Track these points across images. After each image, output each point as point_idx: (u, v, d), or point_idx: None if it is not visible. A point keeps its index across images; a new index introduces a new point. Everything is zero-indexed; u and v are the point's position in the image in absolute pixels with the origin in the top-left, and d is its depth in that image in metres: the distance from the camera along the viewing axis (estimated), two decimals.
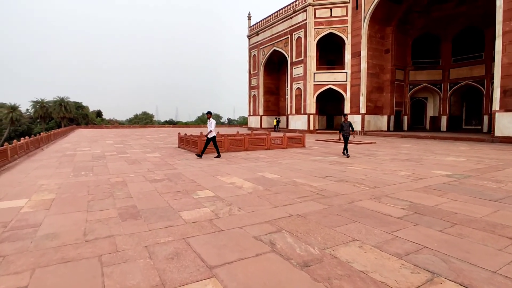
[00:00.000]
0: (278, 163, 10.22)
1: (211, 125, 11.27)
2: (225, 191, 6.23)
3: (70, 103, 64.21)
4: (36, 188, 6.41)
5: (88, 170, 8.76)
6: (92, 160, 11.14)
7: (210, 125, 11.31)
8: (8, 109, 57.95)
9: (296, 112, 34.48)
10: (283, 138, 15.72)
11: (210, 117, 11.50)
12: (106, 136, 28.20)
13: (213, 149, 11.96)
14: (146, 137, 26.26)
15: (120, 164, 9.96)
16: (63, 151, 14.56)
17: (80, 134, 33.37)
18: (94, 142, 19.93)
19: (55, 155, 12.82)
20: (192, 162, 10.52)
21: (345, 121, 12.03)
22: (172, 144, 18.01)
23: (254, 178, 7.57)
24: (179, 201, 5.40)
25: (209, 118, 11.50)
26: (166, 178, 7.57)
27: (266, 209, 4.99)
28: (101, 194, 5.94)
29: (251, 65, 44.55)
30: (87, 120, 70.63)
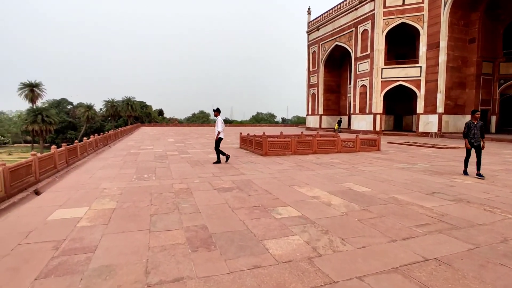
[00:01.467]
0: (359, 171, 8.60)
1: (219, 125, 9.65)
2: (311, 209, 4.92)
3: (136, 102, 68.81)
4: (98, 193, 5.80)
5: (150, 172, 8.15)
6: (154, 160, 10.71)
7: (217, 125, 9.69)
8: (85, 108, 64.11)
9: (360, 111, 31.79)
10: (355, 141, 13.89)
11: (218, 115, 9.77)
12: (167, 134, 28.91)
13: (263, 151, 10.71)
14: (205, 135, 26.21)
15: (182, 166, 9.26)
16: (127, 149, 14.66)
17: (143, 131, 34.96)
18: (156, 140, 20.18)
19: (120, 153, 12.80)
20: (259, 166, 9.41)
21: (474, 120, 7.88)
22: (232, 144, 17.28)
23: (340, 191, 6.12)
24: (258, 222, 4.23)
25: (216, 117, 9.79)
26: (235, 186, 6.52)
27: (381, 243, 3.56)
28: (165, 205, 5.05)
29: (310, 62, 42.60)
30: (150, 119, 75.17)
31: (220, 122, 9.65)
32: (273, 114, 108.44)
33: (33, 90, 54.19)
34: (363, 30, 31.07)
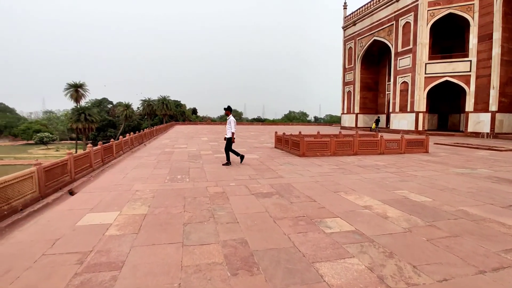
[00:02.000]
0: (410, 176, 7.66)
1: (232, 125, 9.00)
2: (364, 222, 4.22)
3: (171, 101, 70.66)
4: (130, 196, 5.51)
5: (184, 173, 7.82)
6: (188, 159, 10.44)
7: (230, 124, 9.04)
8: (123, 107, 66.96)
9: (401, 109, 29.86)
10: (400, 141, 12.75)
11: (229, 114, 9.14)
12: (200, 132, 29.07)
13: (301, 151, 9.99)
14: (238, 134, 25.93)
15: (217, 167, 8.86)
16: (162, 147, 14.65)
17: (178, 130, 35.55)
18: (190, 139, 20.18)
19: (155, 152, 12.75)
20: (298, 168, 8.77)
21: None
22: (266, 144, 16.76)
23: (395, 201, 5.33)
24: (305, 238, 3.63)
25: (228, 116, 9.16)
26: (274, 191, 5.95)
27: (466, 275, 2.80)
28: (199, 212, 4.60)
29: (346, 58, 40.94)
30: (184, 117, 76.94)
31: (232, 122, 9.02)
32: (305, 113, 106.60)
33: (78, 91, 57.42)
34: (405, 23, 29.10)
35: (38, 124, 73.09)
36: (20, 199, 4.62)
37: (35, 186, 5.07)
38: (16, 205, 4.51)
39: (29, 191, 4.88)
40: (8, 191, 4.37)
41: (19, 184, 4.63)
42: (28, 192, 4.87)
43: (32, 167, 5.11)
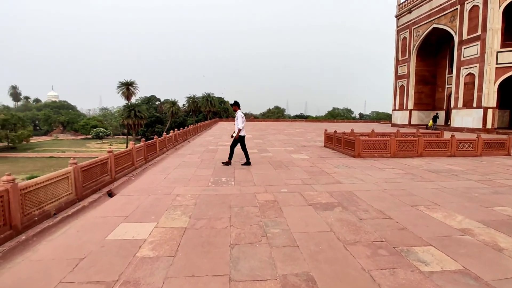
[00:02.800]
0: (504, 186, 6.14)
1: (239, 121, 8.14)
2: (472, 256, 3.07)
3: (215, 98, 71.78)
4: (169, 202, 4.88)
5: (229, 175, 7.11)
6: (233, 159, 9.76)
7: (237, 120, 8.19)
8: (170, 104, 69.46)
9: (465, 105, 26.60)
10: (476, 142, 10.86)
11: (237, 110, 8.31)
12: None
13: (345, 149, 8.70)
14: (283, 131, 25.00)
15: (264, 168, 8.05)
16: (206, 145, 14.25)
17: (221, 126, 35.56)
18: None
19: (198, 149, 12.32)
20: (356, 172, 7.63)
21: None
22: (314, 142, 15.61)
23: (499, 222, 4.04)
24: (395, 280, 2.61)
25: (236, 111, 8.36)
26: (335, 202, 4.95)
27: None
28: (248, 228, 3.79)
29: (399, 50, 37.76)
30: (227, 114, 77.77)
31: (240, 117, 8.15)
32: (349, 110, 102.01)
33: (128, 88, 60.62)
34: (472, 6, 25.73)
35: (95, 120, 78.82)
36: (54, 202, 4.20)
37: (71, 188, 4.65)
38: (49, 210, 4.09)
39: (64, 193, 4.47)
40: (40, 194, 3.95)
41: (53, 186, 4.21)
42: (63, 194, 4.45)
43: (69, 166, 4.70)
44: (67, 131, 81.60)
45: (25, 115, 70.87)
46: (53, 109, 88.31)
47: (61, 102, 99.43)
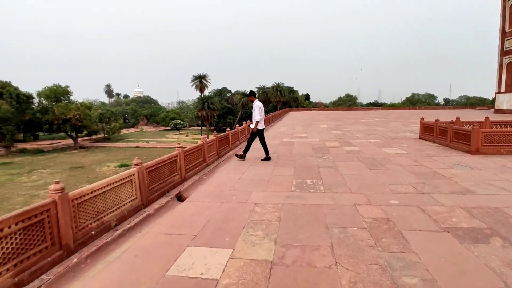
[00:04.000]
0: None
1: (257, 112, 7.30)
2: None
3: (284, 88, 70.57)
4: (246, 214, 3.85)
5: (314, 175, 5.84)
6: (314, 153, 8.45)
7: (254, 112, 7.37)
8: (240, 95, 70.66)
9: None
10: None
11: (254, 100, 7.51)
12: (317, 119, 26.82)
13: None
14: (360, 121, 22.54)
15: (355, 166, 6.56)
16: (280, 136, 13.16)
17: (292, 116, 34.24)
18: (308, 127, 18.23)
19: (273, 142, 11.28)
20: (486, 174, 5.62)
21: None
22: (404, 133, 13.26)
23: None
24: None
25: (252, 102, 7.56)
26: (484, 226, 3.30)
27: None
28: (365, 271, 2.49)
29: (506, 20, 30.98)
30: (297, 103, 76.00)
31: (257, 108, 7.33)
32: (432, 95, 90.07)
33: (201, 81, 63.37)
34: None
35: (173, 112, 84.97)
36: (115, 211, 3.54)
37: (136, 192, 3.97)
38: (109, 220, 3.42)
39: (127, 199, 3.79)
40: (99, 203, 3.28)
41: (114, 192, 3.54)
42: (126, 200, 3.78)
43: (133, 166, 4.03)
44: (150, 123, 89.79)
45: (117, 109, 79.96)
46: (139, 103, 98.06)
47: (145, 97, 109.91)
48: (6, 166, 34.81)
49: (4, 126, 42.13)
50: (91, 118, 50.67)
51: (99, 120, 58.06)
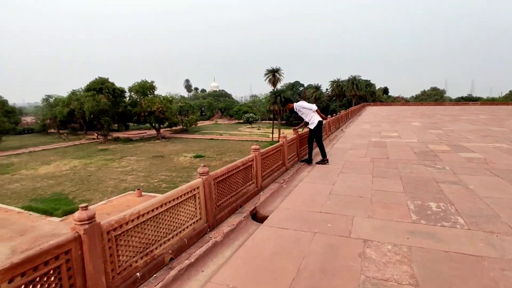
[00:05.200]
0: None
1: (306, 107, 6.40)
2: None
3: (361, 81, 65.64)
4: (357, 264, 2.53)
5: (436, 197, 4.15)
6: (419, 160, 6.59)
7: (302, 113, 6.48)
8: (313, 89, 68.17)
9: None
10: None
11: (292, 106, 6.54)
12: (403, 115, 23.48)
13: None
14: (460, 118, 18.75)
15: (495, 185, 4.62)
16: (365, 135, 11.29)
17: (371, 112, 30.99)
18: (396, 124, 15.70)
19: (359, 142, 9.57)
20: None
21: None
22: None
23: None
24: None
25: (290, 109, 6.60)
26: None
27: None
28: None
29: None
30: (374, 98, 70.20)
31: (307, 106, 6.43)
32: None
33: (274, 75, 62.66)
34: None
35: (246, 106, 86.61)
36: (171, 239, 2.59)
37: (200, 211, 2.99)
38: (162, 254, 2.48)
39: (188, 221, 2.83)
40: (148, 231, 2.35)
41: (171, 213, 2.59)
42: (187, 223, 2.81)
43: (197, 176, 3.05)
44: (224, 116, 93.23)
45: (194, 103, 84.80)
46: (214, 97, 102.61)
47: (220, 91, 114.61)
48: (103, 152, 39.47)
49: (103, 117, 47.96)
50: (172, 111, 54.35)
51: (178, 113, 62.07)
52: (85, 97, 46.91)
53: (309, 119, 6.41)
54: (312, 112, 6.38)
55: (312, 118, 6.37)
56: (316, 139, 6.50)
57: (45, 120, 60.74)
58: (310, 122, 6.40)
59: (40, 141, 51.21)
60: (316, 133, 6.41)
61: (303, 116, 6.52)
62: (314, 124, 6.34)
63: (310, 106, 6.43)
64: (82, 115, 49.28)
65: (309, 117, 6.39)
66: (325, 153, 6.50)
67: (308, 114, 6.39)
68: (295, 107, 6.49)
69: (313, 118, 6.38)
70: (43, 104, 61.89)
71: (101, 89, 48.50)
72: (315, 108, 6.42)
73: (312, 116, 6.38)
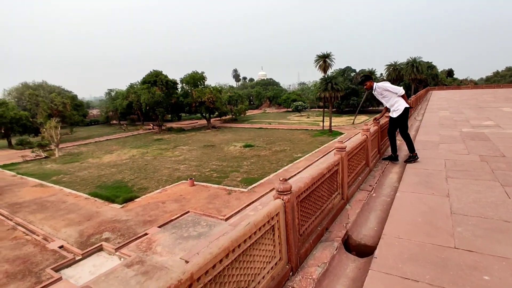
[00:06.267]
0: None
1: (390, 90, 5.11)
2: None
3: (422, 63, 59.46)
4: None
5: None
6: None
7: (383, 96, 5.17)
8: (367, 73, 63.69)
9: None
10: None
11: (372, 83, 5.24)
12: (481, 99, 20.13)
13: None
14: None
15: None
16: (449, 124, 9.39)
17: (440, 96, 27.46)
18: (481, 110, 13.19)
19: (447, 133, 7.83)
20: None
21: None
22: None
23: None
24: None
25: (370, 88, 5.26)
26: None
27: None
28: None
29: None
30: (436, 81, 63.50)
31: (390, 88, 5.09)
32: None
33: (325, 61, 59.52)
34: None
35: (295, 94, 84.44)
36: None
37: (280, 248, 2.01)
38: None
39: (264, 267, 1.86)
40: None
41: (239, 264, 1.65)
42: (263, 269, 1.85)
43: (275, 195, 2.06)
44: (273, 105, 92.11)
45: (243, 92, 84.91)
46: (262, 86, 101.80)
47: (268, 80, 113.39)
48: (158, 142, 41.19)
49: (158, 108, 50.08)
50: (222, 101, 54.77)
51: (227, 102, 62.49)
52: (141, 89, 49.32)
53: (391, 105, 5.14)
54: (396, 97, 5.09)
55: (396, 103, 5.08)
56: (401, 130, 5.19)
57: (108, 112, 65.60)
58: (393, 108, 5.13)
59: (104, 131, 55.38)
60: (401, 122, 5.12)
61: (384, 101, 5.29)
62: (398, 112, 5.04)
63: (395, 89, 5.13)
64: (139, 106, 51.99)
65: (391, 102, 5.13)
66: (413, 148, 5.13)
67: (391, 98, 5.12)
68: (376, 87, 5.20)
69: (398, 104, 5.07)
70: (106, 98, 66.88)
71: (156, 81, 50.50)
72: (401, 92, 5.09)
73: (396, 102, 5.09)
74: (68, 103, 47.41)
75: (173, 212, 15.51)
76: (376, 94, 5.33)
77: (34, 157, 33.11)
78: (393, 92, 5.09)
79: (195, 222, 14.09)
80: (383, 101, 5.29)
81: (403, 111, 5.01)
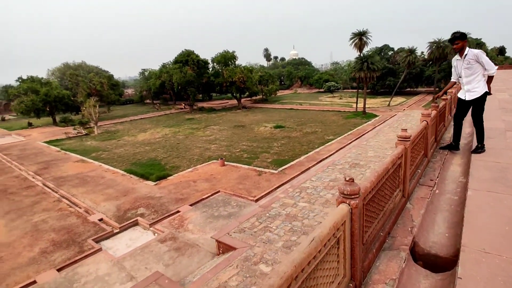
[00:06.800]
0: None
1: (481, 62, 4.13)
2: None
3: (470, 40, 54.27)
4: None
5: None
6: None
7: (471, 67, 4.17)
8: (406, 52, 59.32)
9: None
10: None
11: (465, 45, 4.30)
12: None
13: None
14: None
15: None
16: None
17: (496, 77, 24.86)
18: None
19: (510, 118, 6.89)
20: None
21: None
22: None
23: None
24: None
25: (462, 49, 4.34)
26: None
27: None
28: None
29: None
30: None
31: (483, 60, 4.11)
32: None
33: (361, 39, 56.16)
34: None
35: (327, 74, 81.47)
36: None
37: (344, 263, 1.66)
38: None
39: (326, 282, 1.53)
40: None
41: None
42: (325, 284, 1.52)
43: (338, 200, 1.69)
44: (304, 85, 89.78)
45: (274, 72, 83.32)
46: (294, 65, 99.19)
47: (299, 59, 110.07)
48: (190, 121, 41.86)
49: (189, 88, 50.67)
50: (252, 81, 54.14)
51: (258, 82, 61.69)
52: (173, 69, 49.92)
53: (469, 82, 4.28)
54: (482, 76, 4.21)
55: (477, 84, 4.24)
56: (474, 116, 4.39)
57: (142, 91, 67.57)
58: (469, 87, 4.29)
59: (138, 110, 57.27)
60: (476, 107, 4.33)
61: (463, 73, 4.33)
62: (476, 94, 4.24)
63: (489, 65, 4.23)
64: (171, 86, 52.89)
65: (472, 79, 4.25)
66: (483, 138, 4.41)
67: (476, 75, 4.23)
68: (468, 52, 4.27)
69: (479, 84, 4.23)
70: (140, 78, 68.71)
71: (187, 61, 50.80)
72: (493, 72, 4.18)
73: (478, 81, 4.23)
74: (105, 83, 49.30)
75: (204, 191, 15.69)
76: (458, 63, 4.40)
77: (75, 134, 35.11)
78: (484, 68, 4.19)
79: (226, 202, 14.16)
80: (461, 74, 4.35)
81: (482, 95, 4.21)
